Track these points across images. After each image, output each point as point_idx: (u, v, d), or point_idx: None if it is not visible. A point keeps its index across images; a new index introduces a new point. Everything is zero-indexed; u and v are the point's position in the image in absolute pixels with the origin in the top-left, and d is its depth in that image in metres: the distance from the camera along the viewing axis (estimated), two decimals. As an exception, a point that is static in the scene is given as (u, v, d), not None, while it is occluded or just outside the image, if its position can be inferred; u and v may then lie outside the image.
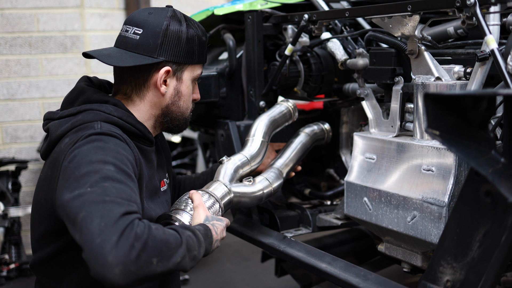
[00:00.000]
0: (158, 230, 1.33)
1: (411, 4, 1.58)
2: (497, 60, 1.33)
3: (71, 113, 1.60)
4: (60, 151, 1.50)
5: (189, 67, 1.70)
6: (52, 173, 1.51)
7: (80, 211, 1.27)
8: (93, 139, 1.46)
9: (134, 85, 1.67)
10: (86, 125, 1.53)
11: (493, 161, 1.10)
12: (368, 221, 1.84)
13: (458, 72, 1.67)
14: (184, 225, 1.50)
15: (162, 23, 1.63)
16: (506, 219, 1.12)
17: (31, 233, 1.67)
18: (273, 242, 1.81)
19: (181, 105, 1.73)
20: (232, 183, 1.81)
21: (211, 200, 1.70)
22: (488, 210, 1.16)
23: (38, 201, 1.61)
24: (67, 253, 1.57)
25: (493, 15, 1.50)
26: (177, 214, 1.61)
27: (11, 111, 3.65)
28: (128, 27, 1.66)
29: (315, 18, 1.90)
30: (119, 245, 1.21)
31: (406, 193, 1.69)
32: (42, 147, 1.64)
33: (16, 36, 3.60)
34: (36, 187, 1.67)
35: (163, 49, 1.62)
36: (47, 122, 1.64)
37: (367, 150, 1.86)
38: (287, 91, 2.19)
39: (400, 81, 1.80)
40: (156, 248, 1.28)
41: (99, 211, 1.26)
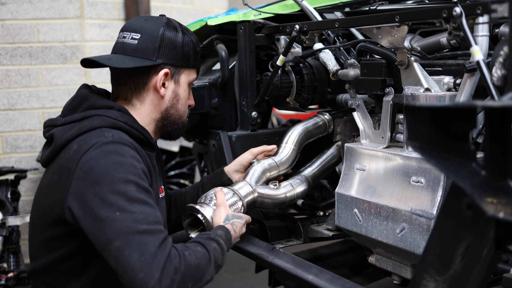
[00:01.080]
0: (191, 256, 1.46)
1: (399, 15, 1.57)
2: (482, 72, 1.32)
3: (75, 119, 1.61)
4: (70, 158, 1.52)
5: (186, 71, 1.78)
6: (60, 179, 1.53)
7: (114, 239, 1.39)
8: (109, 151, 1.50)
9: (134, 88, 1.71)
10: (94, 132, 1.56)
11: (473, 174, 1.09)
12: (358, 233, 1.82)
13: (448, 83, 1.66)
14: (210, 235, 1.60)
15: (159, 29, 1.70)
16: (487, 233, 1.11)
17: (31, 240, 1.68)
18: (262, 253, 1.80)
19: (180, 108, 1.79)
20: (258, 184, 1.91)
21: (235, 198, 1.81)
22: (470, 224, 1.15)
23: (41, 207, 1.61)
24: (71, 261, 1.58)
25: (482, 26, 1.49)
26: (202, 207, 1.73)
27: (11, 121, 3.67)
28: (126, 34, 1.72)
29: (306, 28, 1.90)
30: (162, 281, 1.37)
31: (395, 204, 1.68)
32: (44, 153, 1.65)
33: (16, 46, 3.62)
34: (36, 194, 1.68)
35: (161, 52, 1.69)
36: (49, 129, 1.65)
37: (357, 161, 1.85)
38: (280, 101, 2.19)
39: (390, 92, 1.79)
40: (191, 275, 1.44)
41: (136, 245, 1.38)
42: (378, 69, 1.80)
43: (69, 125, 1.61)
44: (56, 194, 1.53)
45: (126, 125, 1.62)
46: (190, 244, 1.54)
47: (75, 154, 1.52)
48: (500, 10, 1.26)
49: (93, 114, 1.61)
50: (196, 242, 1.56)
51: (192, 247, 1.52)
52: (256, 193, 1.88)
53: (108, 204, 1.43)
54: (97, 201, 1.43)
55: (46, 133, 1.67)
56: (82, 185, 1.46)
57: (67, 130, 1.59)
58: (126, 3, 3.93)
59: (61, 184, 1.52)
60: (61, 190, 1.52)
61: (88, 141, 1.53)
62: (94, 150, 1.50)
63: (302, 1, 2.23)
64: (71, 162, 1.51)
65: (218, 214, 1.72)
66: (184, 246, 1.51)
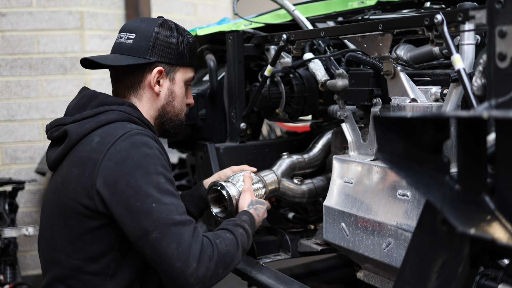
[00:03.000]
0: (221, 244, 1.57)
1: (382, 23, 1.53)
2: (462, 81, 1.27)
3: (88, 115, 1.63)
4: (93, 149, 1.55)
5: (181, 69, 1.80)
6: (83, 171, 1.54)
7: (152, 231, 1.47)
8: (139, 142, 1.55)
9: (131, 86, 1.75)
10: (114, 125, 1.60)
11: (446, 187, 1.04)
12: (346, 247, 1.77)
13: (435, 93, 1.61)
14: (236, 221, 1.69)
15: (154, 28, 1.74)
16: (462, 250, 1.06)
17: (49, 245, 1.64)
18: (246, 267, 1.76)
19: (176, 106, 1.81)
20: (284, 177, 2.00)
21: (260, 184, 1.91)
22: (445, 240, 1.09)
23: (60, 206, 1.60)
24: (103, 259, 1.57)
25: (467, 34, 1.44)
26: (227, 187, 1.82)
27: (11, 132, 3.67)
28: (122, 34, 1.77)
29: (293, 38, 1.87)
30: (198, 270, 1.48)
31: (381, 219, 1.63)
32: (52, 153, 1.66)
33: (16, 57, 3.63)
34: (49, 196, 1.67)
35: (155, 51, 1.72)
36: (58, 128, 1.65)
37: (345, 174, 1.80)
38: (270, 112, 2.15)
39: (378, 102, 1.74)
40: (222, 262, 1.55)
41: (173, 236, 1.47)
42: (365, 79, 1.76)
43: (82, 121, 1.62)
44: (80, 186, 1.55)
45: (139, 120, 1.67)
46: (219, 232, 1.64)
47: (99, 145, 1.55)
48: (478, 17, 1.22)
49: (107, 110, 1.64)
50: (224, 229, 1.65)
51: (222, 234, 1.62)
52: (279, 183, 1.97)
53: (144, 195, 1.49)
54: (131, 192, 1.49)
55: (55, 132, 1.66)
56: (113, 175, 1.51)
57: (83, 125, 1.61)
58: (127, 14, 3.93)
59: (85, 175, 1.54)
60: (86, 181, 1.54)
61: (112, 132, 1.56)
62: (123, 142, 1.54)
63: (294, 11, 2.19)
64: (97, 153, 1.54)
65: (243, 199, 1.81)
66: (215, 235, 1.60)
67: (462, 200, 1.04)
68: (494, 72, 1.13)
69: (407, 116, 1.02)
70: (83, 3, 3.71)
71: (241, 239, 1.64)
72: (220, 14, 4.80)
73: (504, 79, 1.11)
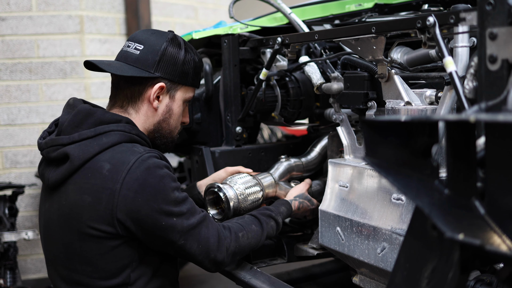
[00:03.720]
0: (243, 238, 1.71)
1: (375, 26, 1.52)
2: (454, 84, 1.25)
3: (87, 136, 1.60)
4: (106, 178, 1.55)
5: (183, 88, 1.79)
6: (98, 200, 1.55)
7: (177, 240, 1.59)
8: (151, 166, 1.57)
9: (130, 97, 1.73)
10: (119, 148, 1.59)
11: (435, 192, 1.02)
12: (341, 252, 1.75)
13: (429, 96, 1.59)
14: (271, 213, 1.81)
15: (162, 43, 1.74)
16: (452, 255, 1.04)
17: (62, 268, 1.65)
18: (240, 272, 1.75)
19: (171, 123, 1.80)
20: (281, 180, 2.03)
21: (257, 187, 1.92)
22: (435, 245, 1.08)
23: (74, 230, 1.60)
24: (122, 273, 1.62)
25: (461, 36, 1.43)
26: (224, 189, 1.85)
27: (11, 136, 3.66)
28: (130, 43, 1.76)
29: (288, 41, 1.85)
30: (217, 258, 1.65)
31: (376, 223, 1.61)
32: (53, 173, 1.62)
33: (16, 62, 3.63)
34: (53, 216, 1.65)
35: (160, 66, 1.72)
36: (55, 148, 1.61)
37: (340, 178, 1.79)
38: (266, 116, 2.14)
39: (373, 106, 1.73)
40: (240, 252, 1.71)
41: (194, 238, 1.61)
42: (360, 82, 1.74)
43: (82, 142, 1.60)
44: (97, 214, 1.56)
45: (138, 137, 1.68)
46: (248, 220, 1.77)
47: (113, 174, 1.55)
48: (469, 19, 1.20)
49: (107, 130, 1.62)
50: (254, 218, 1.78)
51: (247, 226, 1.74)
52: (277, 186, 2.00)
53: (166, 214, 1.56)
54: (155, 215, 1.55)
55: (52, 152, 1.62)
56: (134, 204, 1.54)
57: (84, 148, 1.59)
58: (127, 18, 3.93)
59: (101, 204, 1.55)
60: (104, 211, 1.55)
61: (123, 160, 1.56)
62: (137, 169, 1.55)
63: (290, 14, 2.18)
64: (112, 182, 1.54)
65: (296, 188, 1.97)
66: (240, 226, 1.73)
67: (452, 205, 1.02)
68: (485, 75, 1.11)
69: (394, 120, 1.01)
70: (83, 7, 3.71)
71: (268, 231, 1.79)
72: (221, 17, 4.79)
73: (495, 82, 1.10)
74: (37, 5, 3.64)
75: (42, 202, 1.75)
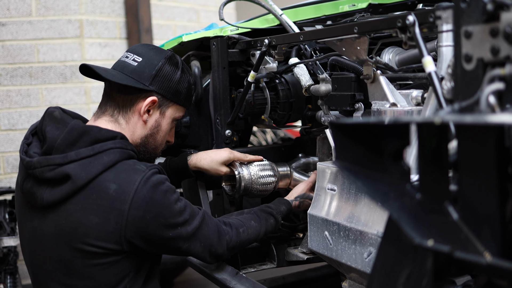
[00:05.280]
0: (244, 233, 1.80)
1: (357, 26, 1.48)
2: (433, 84, 1.22)
3: (87, 154, 1.58)
4: (113, 199, 1.56)
5: (174, 106, 1.81)
6: (107, 221, 1.56)
7: (182, 245, 1.68)
8: (155, 183, 1.60)
9: (122, 107, 1.73)
10: (122, 167, 1.60)
11: (406, 196, 0.99)
12: (329, 257, 1.72)
13: (416, 97, 1.56)
14: (272, 211, 1.90)
15: (161, 59, 1.76)
16: (425, 262, 1.00)
17: (58, 284, 1.65)
18: (226, 278, 1.73)
19: (157, 139, 1.81)
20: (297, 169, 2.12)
21: (269, 172, 2.00)
22: (410, 251, 1.04)
23: (75, 249, 1.59)
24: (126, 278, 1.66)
25: (446, 35, 1.39)
26: (240, 167, 1.97)
27: (12, 141, 3.67)
28: (129, 54, 1.77)
29: (275, 42, 1.83)
30: (217, 251, 1.74)
31: (362, 227, 1.58)
32: (51, 192, 1.59)
33: (17, 67, 3.64)
34: (48, 233, 1.63)
35: (155, 81, 1.73)
36: (52, 168, 1.57)
37: (328, 181, 1.76)
38: (256, 119, 2.11)
39: (360, 107, 1.70)
40: (240, 245, 1.80)
41: (197, 240, 1.69)
42: (347, 83, 1.71)
43: (81, 161, 1.58)
44: (104, 234, 1.57)
45: (132, 151, 1.68)
46: (248, 216, 1.85)
47: (119, 194, 1.56)
48: (445, 17, 1.17)
49: (106, 148, 1.61)
50: (252, 216, 1.86)
51: (247, 222, 1.83)
52: (291, 178, 2.09)
53: (173, 226, 1.63)
54: (163, 229, 1.61)
55: (48, 172, 1.58)
56: (143, 222, 1.58)
57: (86, 167, 1.57)
58: (128, 22, 3.92)
59: (109, 225, 1.57)
60: (112, 231, 1.57)
61: (128, 179, 1.58)
62: (143, 187, 1.57)
63: (282, 15, 2.15)
64: (119, 203, 1.56)
65: (297, 188, 2.02)
66: (240, 222, 1.82)
67: (423, 210, 0.99)
68: (461, 75, 1.08)
69: (363, 122, 0.98)
70: (82, 12, 3.71)
71: (267, 227, 1.87)
72: (224, 20, 4.76)
73: (471, 82, 1.06)
74: (37, 10, 3.65)
75: (25, 218, 1.71)
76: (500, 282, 0.99)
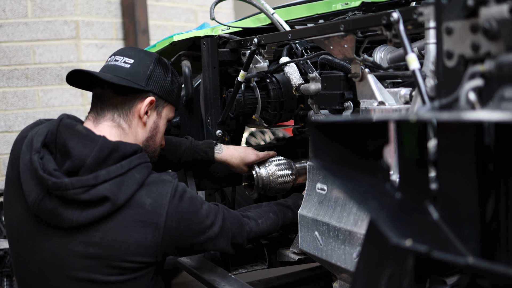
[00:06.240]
0: (262, 224, 1.87)
1: (344, 24, 1.47)
2: (417, 82, 1.20)
3: (119, 173, 1.55)
4: (149, 213, 1.57)
5: (168, 106, 1.81)
6: (145, 235, 1.57)
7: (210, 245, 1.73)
8: (182, 193, 1.65)
9: (121, 110, 1.69)
10: (152, 180, 1.62)
11: (386, 195, 0.97)
12: (320, 257, 1.70)
13: (404, 95, 1.54)
14: (290, 206, 1.97)
15: (152, 60, 1.75)
16: (406, 262, 0.99)
17: None
18: (215, 279, 1.71)
19: (156, 142, 1.79)
20: None
21: (287, 171, 2.05)
22: (391, 251, 1.02)
23: (105, 265, 1.57)
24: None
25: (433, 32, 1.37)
26: (257, 167, 2.03)
27: (9, 143, 3.67)
28: (118, 57, 1.73)
29: (264, 41, 1.81)
30: (238, 242, 1.80)
31: (351, 227, 1.56)
32: (83, 214, 1.53)
33: (13, 68, 3.64)
34: (82, 262, 1.58)
35: (151, 81, 1.72)
36: (85, 189, 1.51)
37: (318, 181, 1.74)
38: (248, 119, 2.10)
39: (349, 106, 1.68)
40: (259, 236, 1.88)
41: (222, 237, 1.75)
42: (336, 82, 1.69)
43: (114, 180, 1.54)
44: (142, 248, 1.58)
45: (150, 162, 1.69)
46: (267, 209, 1.92)
47: (155, 208, 1.58)
48: (427, 13, 1.15)
49: (135, 165, 1.60)
50: (270, 209, 1.92)
51: (266, 214, 1.89)
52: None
53: (203, 231, 1.68)
54: (195, 235, 1.67)
55: (82, 194, 1.51)
56: (177, 232, 1.62)
57: (120, 187, 1.54)
58: (124, 23, 3.92)
59: (147, 239, 1.58)
60: (150, 245, 1.59)
61: (159, 191, 1.61)
62: (174, 199, 1.61)
63: (273, 14, 2.14)
64: (156, 216, 1.58)
65: None
66: (259, 214, 1.88)
67: (403, 209, 0.97)
68: (443, 72, 1.06)
69: (341, 121, 0.96)
70: (78, 13, 3.71)
71: (285, 220, 1.93)
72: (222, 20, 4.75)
73: (453, 79, 1.04)
74: (33, 11, 3.65)
75: (34, 237, 1.62)
76: (483, 282, 0.97)
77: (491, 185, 0.91)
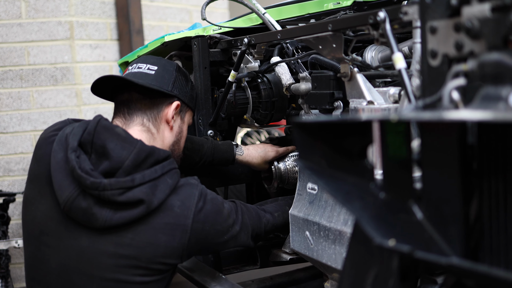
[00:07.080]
0: (279, 217, 1.91)
1: (331, 23, 1.47)
2: (403, 81, 1.20)
3: (153, 177, 1.58)
4: (177, 216, 1.61)
5: (190, 112, 1.85)
6: (174, 237, 1.61)
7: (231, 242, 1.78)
8: (205, 195, 1.69)
9: (150, 115, 1.72)
10: (180, 183, 1.66)
11: (370, 195, 0.97)
12: (311, 257, 1.70)
13: (393, 95, 1.53)
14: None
15: (174, 67, 1.79)
16: (391, 262, 0.99)
17: None
18: (206, 279, 1.71)
19: (180, 147, 1.83)
20: None
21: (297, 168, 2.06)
22: (376, 250, 1.02)
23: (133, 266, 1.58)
24: None
25: (420, 32, 1.37)
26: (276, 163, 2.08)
27: (4, 144, 3.66)
28: (141, 65, 1.75)
29: (254, 41, 1.81)
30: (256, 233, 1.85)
31: (341, 227, 1.56)
32: (116, 214, 1.55)
33: (7, 69, 3.63)
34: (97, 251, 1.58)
35: (175, 86, 1.76)
36: (123, 191, 1.53)
37: (309, 180, 1.74)
38: (239, 119, 2.09)
39: (339, 106, 1.68)
40: (276, 229, 1.94)
41: (243, 233, 1.79)
42: (326, 82, 1.69)
43: (148, 184, 1.57)
44: (170, 250, 1.61)
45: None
46: (279, 205, 1.96)
47: (183, 210, 1.62)
48: (411, 12, 1.15)
49: (166, 170, 1.62)
50: (286, 202, 1.95)
51: (283, 208, 1.94)
52: None
53: (226, 230, 1.73)
54: (220, 235, 1.72)
55: (119, 196, 1.53)
56: (203, 233, 1.66)
57: (154, 190, 1.58)
58: (118, 23, 3.91)
59: (175, 241, 1.61)
60: (177, 246, 1.62)
61: (187, 194, 1.65)
62: (200, 202, 1.66)
63: (264, 14, 2.14)
64: (183, 219, 1.62)
65: None
66: (275, 207, 1.94)
67: (387, 209, 0.97)
68: (428, 71, 1.06)
69: (324, 121, 0.96)
70: (72, 13, 3.70)
71: None
72: (217, 20, 4.75)
73: (437, 78, 1.04)
74: (27, 12, 3.64)
75: (64, 236, 1.62)
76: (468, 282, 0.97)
77: (475, 184, 0.91)
